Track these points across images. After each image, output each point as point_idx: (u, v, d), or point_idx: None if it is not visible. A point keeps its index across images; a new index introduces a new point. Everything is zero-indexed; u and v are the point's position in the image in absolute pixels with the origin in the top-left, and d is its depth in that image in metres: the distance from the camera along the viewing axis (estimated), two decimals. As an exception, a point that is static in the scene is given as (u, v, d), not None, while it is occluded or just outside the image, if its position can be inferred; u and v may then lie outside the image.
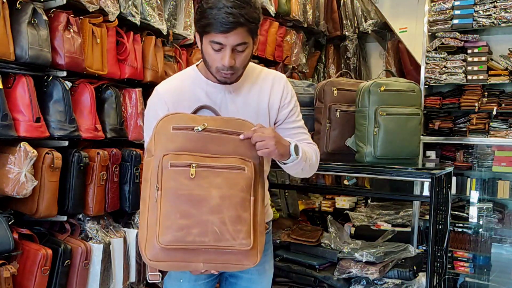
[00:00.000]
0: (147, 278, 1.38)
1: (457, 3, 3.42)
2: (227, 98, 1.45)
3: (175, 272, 1.52)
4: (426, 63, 3.54)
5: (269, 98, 1.49)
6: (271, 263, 1.65)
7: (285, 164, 1.42)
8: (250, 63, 1.49)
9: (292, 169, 1.46)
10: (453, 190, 3.38)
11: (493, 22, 3.30)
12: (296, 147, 1.40)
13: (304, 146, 1.48)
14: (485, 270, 3.40)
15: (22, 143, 1.85)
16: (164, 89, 1.46)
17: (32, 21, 1.91)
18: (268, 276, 1.62)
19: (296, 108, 1.54)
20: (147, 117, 1.47)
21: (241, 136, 1.33)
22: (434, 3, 3.51)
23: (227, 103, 1.45)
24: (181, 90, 1.45)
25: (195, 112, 1.40)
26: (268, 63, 3.50)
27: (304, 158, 1.43)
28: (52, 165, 1.93)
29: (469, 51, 3.45)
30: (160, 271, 1.36)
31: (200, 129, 1.29)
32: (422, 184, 3.34)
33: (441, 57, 3.51)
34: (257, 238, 1.29)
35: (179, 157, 1.26)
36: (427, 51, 3.54)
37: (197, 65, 1.50)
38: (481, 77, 3.41)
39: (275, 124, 1.53)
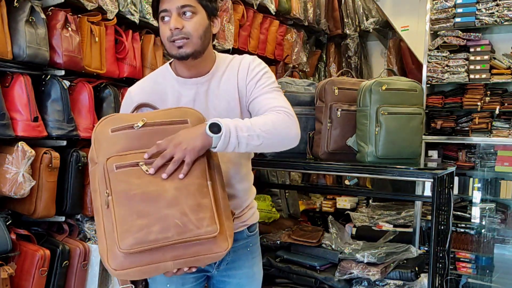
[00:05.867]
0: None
1: (459, 1, 3.39)
2: (199, 93, 1.42)
3: (160, 277, 1.44)
4: (428, 62, 3.51)
5: (237, 83, 1.42)
6: (260, 265, 1.61)
7: (215, 148, 1.23)
8: (223, 54, 1.46)
9: (242, 147, 1.25)
10: (455, 190, 3.37)
11: (495, 21, 3.28)
12: (213, 125, 1.21)
13: (255, 118, 1.30)
14: (487, 271, 3.38)
15: (19, 143, 1.84)
16: (135, 89, 1.46)
17: (30, 20, 1.89)
18: (257, 280, 1.58)
19: (267, 79, 1.42)
20: None
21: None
22: (436, 1, 3.48)
23: (200, 98, 1.42)
24: (151, 89, 1.43)
25: (134, 111, 1.37)
26: (269, 62, 3.47)
27: (242, 130, 1.23)
28: (50, 165, 1.92)
29: (472, 49, 3.43)
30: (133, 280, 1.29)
31: (140, 125, 1.23)
32: (424, 184, 3.32)
33: (443, 56, 3.48)
34: (224, 223, 1.22)
35: (125, 157, 1.20)
36: (429, 50, 3.51)
37: (170, 63, 1.47)
38: (483, 76, 3.38)
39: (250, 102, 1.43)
